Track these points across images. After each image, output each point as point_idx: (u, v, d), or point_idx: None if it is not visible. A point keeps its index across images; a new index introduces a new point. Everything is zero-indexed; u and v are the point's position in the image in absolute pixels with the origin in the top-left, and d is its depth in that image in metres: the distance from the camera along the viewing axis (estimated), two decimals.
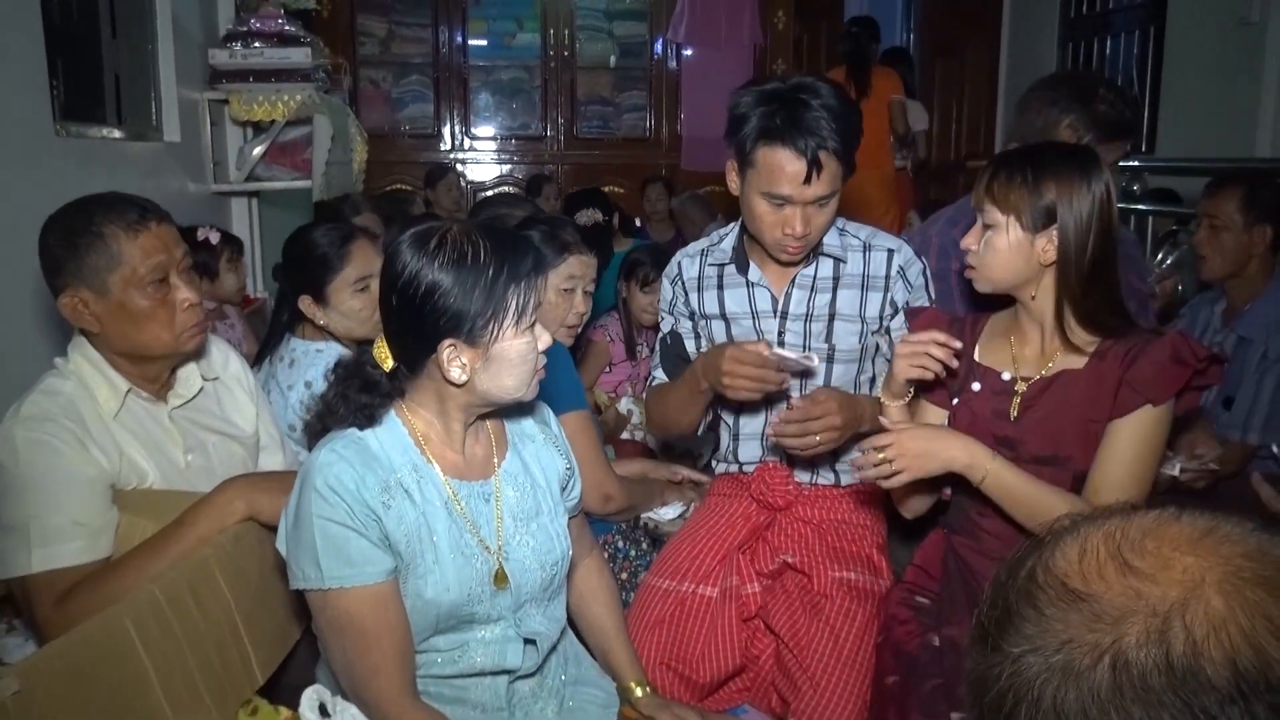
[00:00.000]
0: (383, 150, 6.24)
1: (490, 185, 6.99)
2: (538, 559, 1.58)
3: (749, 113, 1.87)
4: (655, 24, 6.96)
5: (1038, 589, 0.62)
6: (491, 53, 6.97)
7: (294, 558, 1.46)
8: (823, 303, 2.04)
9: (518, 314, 1.43)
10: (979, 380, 1.80)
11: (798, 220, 1.87)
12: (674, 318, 2.20)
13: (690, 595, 2.01)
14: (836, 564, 2.00)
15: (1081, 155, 1.69)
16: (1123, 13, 6.01)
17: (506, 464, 1.61)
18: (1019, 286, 1.72)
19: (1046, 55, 6.55)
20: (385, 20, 6.83)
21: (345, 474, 1.42)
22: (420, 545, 1.48)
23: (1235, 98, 4.71)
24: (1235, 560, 0.58)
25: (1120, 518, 0.64)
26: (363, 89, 6.72)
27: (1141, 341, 1.66)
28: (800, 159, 1.82)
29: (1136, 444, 1.64)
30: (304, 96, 3.96)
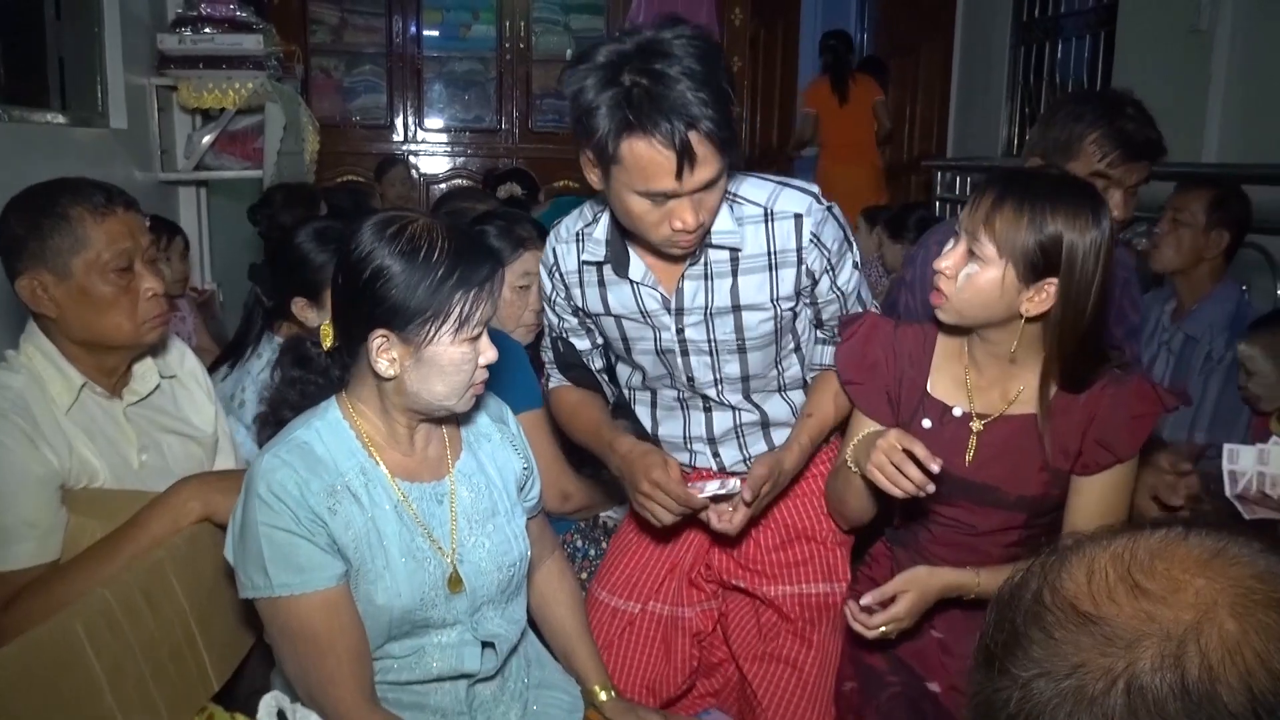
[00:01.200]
0: (334, 140, 6.16)
1: (444, 178, 6.92)
2: (494, 561, 1.55)
3: (595, 100, 1.49)
4: (612, 18, 6.92)
5: (1046, 611, 0.61)
6: (446, 44, 6.89)
7: (241, 566, 1.43)
8: (723, 291, 1.72)
9: (459, 321, 1.40)
10: (928, 415, 1.68)
11: (688, 211, 1.54)
12: (558, 315, 1.89)
13: (640, 614, 1.94)
14: (790, 576, 1.89)
15: (1093, 198, 1.52)
16: (1074, 17, 6.10)
17: (461, 464, 1.58)
18: (987, 327, 1.59)
19: (999, 57, 6.62)
20: (338, 8, 6.73)
21: (288, 479, 1.39)
22: (369, 550, 1.45)
23: (1184, 103, 4.78)
24: (1246, 582, 0.57)
25: (1126, 538, 0.63)
26: (314, 78, 6.61)
27: (1108, 388, 1.57)
28: (669, 148, 1.46)
29: (1111, 497, 1.59)
30: (256, 84, 3.89)
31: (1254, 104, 4.49)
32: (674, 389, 1.87)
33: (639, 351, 1.84)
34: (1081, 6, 6.03)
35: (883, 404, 1.71)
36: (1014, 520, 1.65)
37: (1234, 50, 4.59)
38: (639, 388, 1.93)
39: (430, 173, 6.91)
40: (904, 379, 1.70)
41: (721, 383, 1.82)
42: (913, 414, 1.69)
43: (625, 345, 1.85)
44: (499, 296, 1.47)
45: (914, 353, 1.71)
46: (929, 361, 1.70)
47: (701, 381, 1.82)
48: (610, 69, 1.49)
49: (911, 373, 1.70)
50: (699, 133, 1.47)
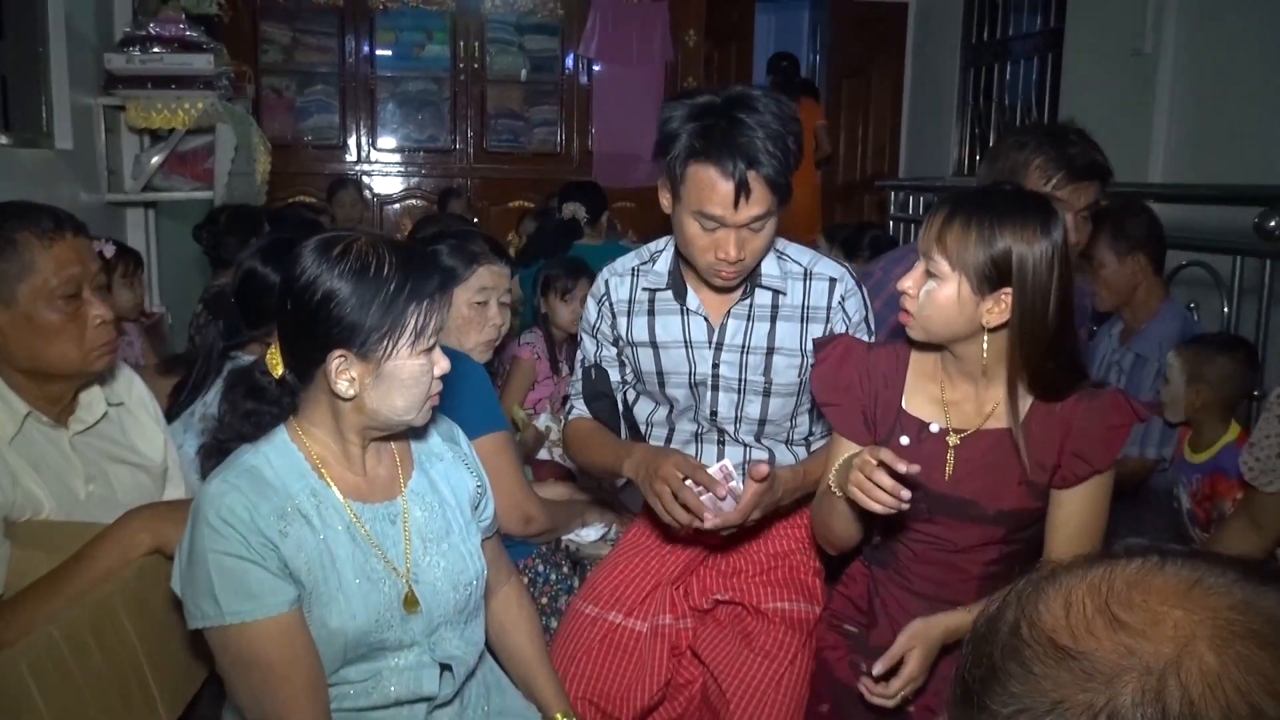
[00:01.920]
0: (286, 161, 6.09)
1: (397, 198, 6.88)
2: (449, 580, 1.53)
3: (680, 129, 1.73)
4: (567, 39, 6.94)
5: (1024, 645, 0.60)
6: (399, 63, 6.85)
7: (190, 596, 1.39)
8: (761, 334, 1.91)
9: (415, 334, 1.39)
10: (905, 433, 1.68)
11: (731, 244, 1.74)
12: (597, 342, 2.04)
13: (618, 627, 1.94)
14: (773, 594, 1.94)
15: (1043, 209, 1.54)
16: (1022, 41, 6.22)
17: (413, 483, 1.56)
18: (955, 342, 1.61)
19: (949, 80, 6.73)
20: (289, 28, 6.67)
21: (238, 504, 1.36)
22: (323, 572, 1.42)
23: (1129, 125, 4.88)
24: (1224, 613, 0.57)
25: (1102, 569, 0.62)
26: (265, 98, 6.54)
27: (1082, 401, 1.59)
28: (728, 179, 1.69)
29: (1090, 509, 1.61)
30: (206, 104, 3.84)
31: (1198, 125, 4.59)
32: (694, 423, 1.99)
33: (672, 385, 1.97)
34: (1029, 30, 6.15)
35: (859, 424, 1.72)
36: (993, 535, 1.66)
37: (1177, 73, 4.70)
38: (660, 424, 2.04)
39: (384, 193, 6.86)
40: (879, 398, 1.71)
41: (740, 421, 1.95)
42: (890, 432, 1.70)
43: (660, 379, 1.98)
44: (446, 310, 1.46)
45: (888, 372, 1.72)
46: (903, 380, 1.72)
47: (723, 417, 1.96)
48: (700, 108, 1.73)
49: (886, 392, 1.71)
50: (757, 173, 1.69)
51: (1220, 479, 2.49)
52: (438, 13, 6.78)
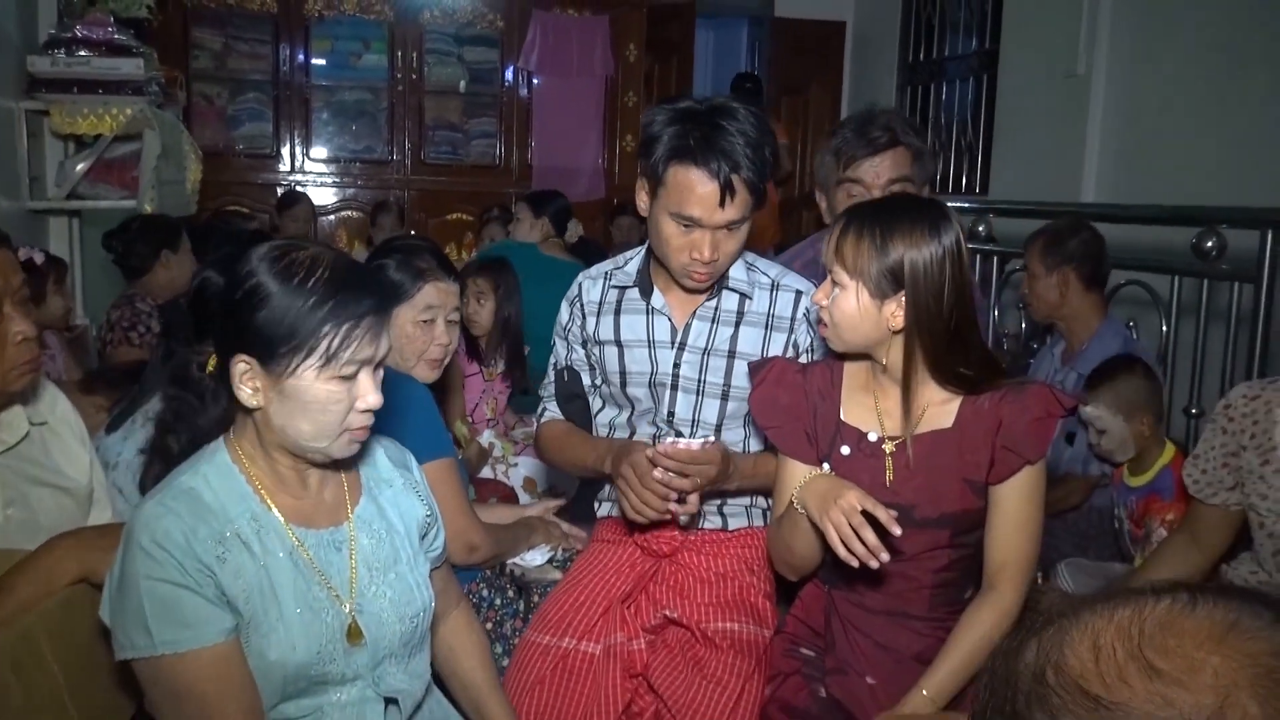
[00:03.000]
0: (217, 170, 5.94)
1: (332, 209, 6.76)
2: (396, 611, 1.47)
3: (662, 131, 1.79)
4: (506, 51, 6.90)
5: (1050, 693, 0.57)
6: (335, 72, 6.75)
7: (119, 626, 1.31)
8: (724, 337, 1.95)
9: (325, 356, 1.31)
10: (845, 443, 1.71)
11: (706, 245, 1.80)
12: (568, 344, 2.08)
13: (572, 652, 1.91)
14: (721, 614, 1.92)
15: (932, 212, 1.62)
16: (958, 61, 6.32)
17: (360, 510, 1.49)
18: (871, 348, 1.67)
19: (886, 98, 6.81)
20: (221, 34, 6.53)
21: (173, 527, 1.29)
22: (262, 601, 1.34)
23: (1063, 145, 4.99)
24: (1263, 659, 0.54)
25: (1130, 609, 0.59)
26: (196, 105, 6.37)
27: (1009, 396, 1.64)
28: (712, 180, 1.74)
29: (1025, 503, 1.64)
30: (134, 110, 3.72)
31: (1129, 145, 4.70)
32: (653, 425, 2.00)
33: (634, 384, 1.99)
34: (965, 51, 6.25)
35: (803, 443, 1.74)
36: (940, 539, 1.67)
37: (1109, 94, 4.81)
38: (621, 427, 2.05)
39: (318, 203, 6.72)
40: (818, 414, 1.74)
41: (698, 424, 1.98)
42: (831, 444, 1.72)
43: (622, 377, 2.00)
44: (386, 339, 1.38)
45: (823, 388, 1.75)
46: (839, 393, 1.75)
47: (680, 419, 1.97)
48: (682, 113, 1.79)
49: (824, 406, 1.74)
50: (740, 177, 1.75)
51: (1155, 500, 2.52)
52: (376, 22, 6.70)
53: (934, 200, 1.72)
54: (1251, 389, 1.97)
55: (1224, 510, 1.98)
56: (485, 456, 3.11)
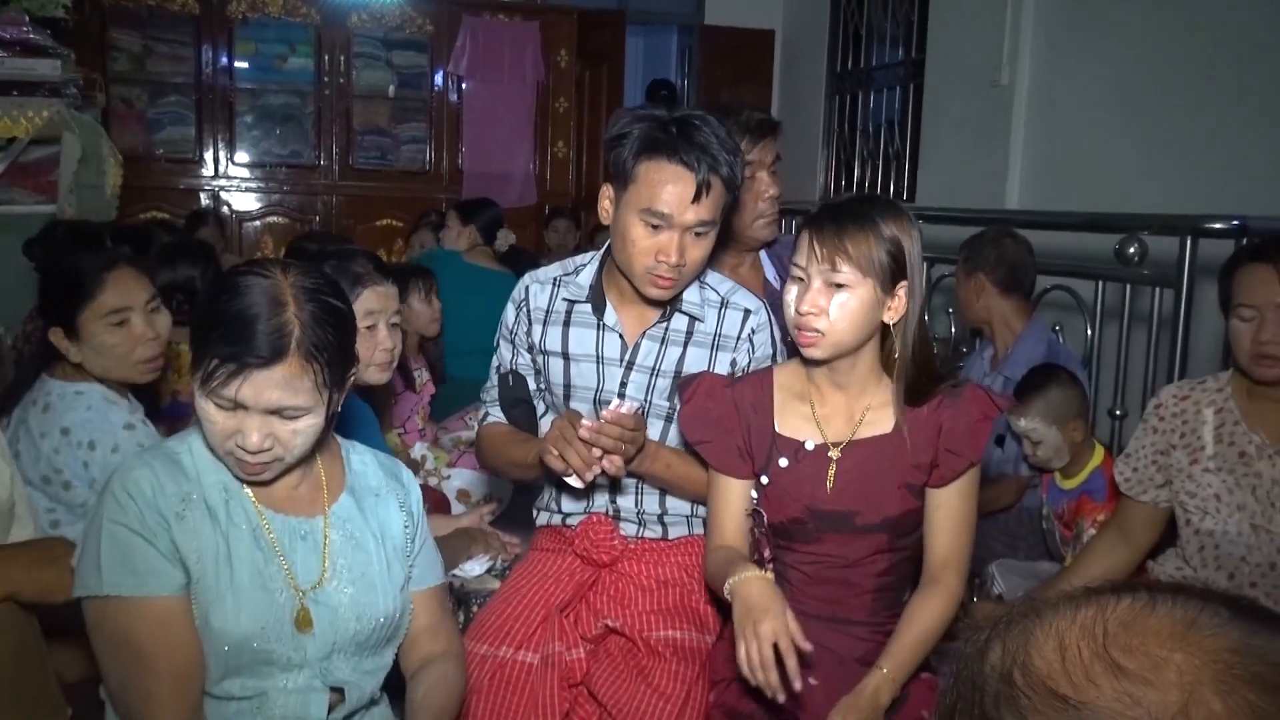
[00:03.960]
0: (138, 175, 5.77)
1: (257, 215, 6.62)
2: (354, 610, 1.46)
3: (631, 127, 1.75)
4: (436, 55, 6.83)
5: (1018, 694, 0.57)
6: (260, 76, 6.61)
7: (80, 563, 1.37)
8: (672, 359, 1.91)
9: (204, 377, 1.31)
10: (783, 455, 1.70)
11: (674, 248, 1.74)
12: (514, 348, 2.01)
13: (509, 661, 1.88)
14: (663, 622, 1.91)
15: (901, 206, 1.66)
16: (884, 70, 6.42)
17: (338, 507, 1.51)
18: (853, 350, 1.65)
19: (815, 107, 6.90)
20: (140, 35, 6.36)
21: (144, 478, 1.36)
22: (214, 566, 1.37)
23: (987, 153, 5.09)
24: (1223, 656, 0.55)
25: (1092, 609, 0.60)
26: (115, 108, 6.17)
27: (945, 401, 1.65)
28: (690, 174, 1.70)
29: (965, 501, 1.67)
30: (51, 112, 3.60)
31: (1052, 154, 4.81)
32: None
33: (577, 398, 1.94)
34: (891, 60, 6.35)
35: (735, 458, 1.74)
36: (880, 544, 1.68)
37: (1032, 103, 4.92)
38: None
39: (243, 210, 6.60)
40: (752, 426, 1.72)
41: None
42: (767, 457, 1.71)
43: (566, 391, 1.95)
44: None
45: (755, 400, 1.74)
46: (771, 404, 1.74)
47: None
48: (653, 117, 1.76)
49: (758, 419, 1.72)
50: (718, 175, 1.73)
51: (1086, 501, 2.57)
52: (302, 25, 6.58)
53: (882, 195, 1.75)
54: (1181, 389, 2.02)
55: (1153, 507, 2.04)
56: (417, 469, 3.08)
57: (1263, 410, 1.90)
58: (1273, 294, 1.81)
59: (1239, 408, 1.93)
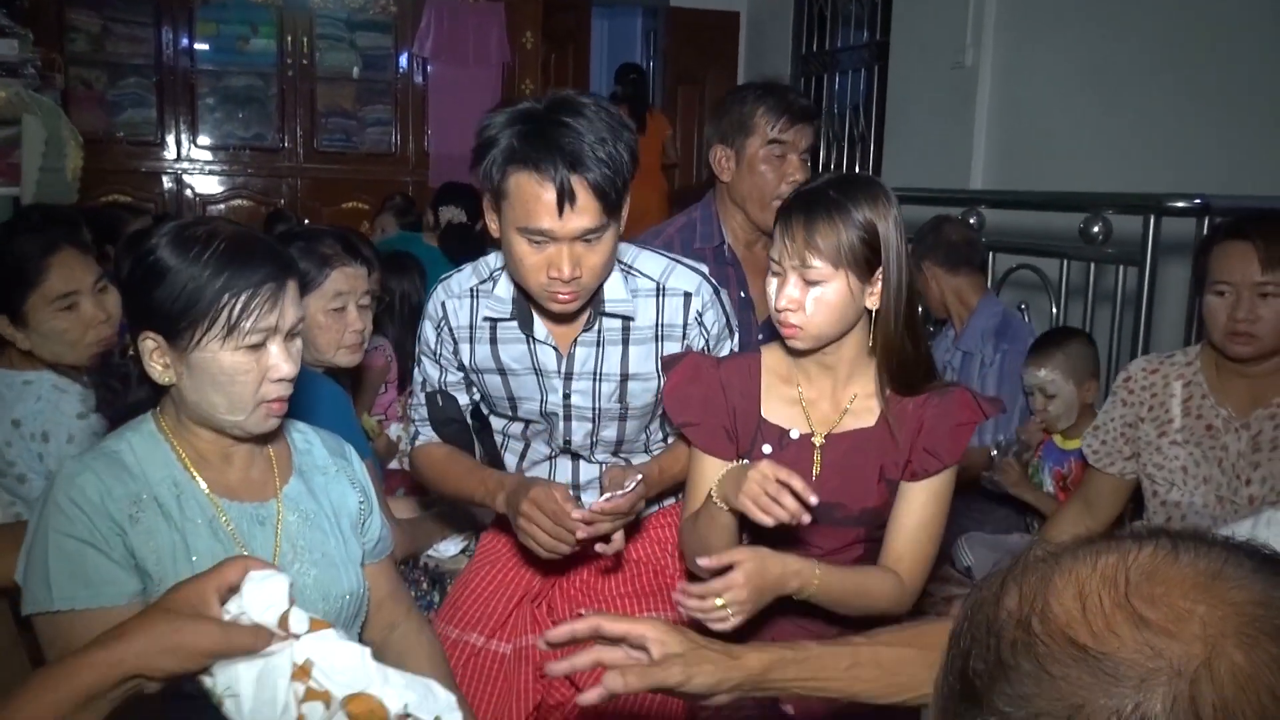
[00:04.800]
0: (98, 157, 5.64)
1: (221, 198, 6.53)
2: (320, 590, 1.45)
3: (498, 134, 1.57)
4: (400, 37, 6.75)
5: (1036, 641, 0.56)
6: (222, 57, 6.51)
7: (27, 580, 1.28)
8: (613, 360, 1.79)
9: (227, 326, 1.30)
10: (767, 441, 1.65)
11: (565, 261, 1.58)
12: (440, 368, 1.87)
13: (482, 650, 1.86)
14: (637, 606, 1.88)
15: (875, 181, 1.59)
16: (849, 52, 6.43)
17: (289, 489, 1.48)
18: (836, 339, 1.60)
19: None
20: (98, 16, 6.23)
21: (89, 485, 1.29)
22: (174, 564, 1.32)
23: (952, 134, 5.11)
24: (1248, 609, 0.54)
25: (1113, 556, 0.58)
26: (73, 89, 6.05)
27: (931, 399, 1.61)
28: (548, 184, 1.53)
29: (933, 502, 1.61)
30: (9, 93, 3.52)
31: (1016, 135, 4.84)
32: (549, 445, 1.88)
33: (524, 410, 1.84)
34: (856, 42, 6.35)
35: (721, 440, 1.68)
36: (856, 535, 1.66)
37: (996, 84, 4.94)
38: (515, 437, 1.92)
39: (206, 192, 6.50)
40: (737, 411, 1.68)
41: (596, 445, 1.86)
42: (751, 442, 1.67)
43: (512, 404, 1.84)
44: (287, 307, 1.36)
45: (742, 384, 1.69)
46: (758, 389, 1.69)
47: (578, 444, 1.85)
48: (522, 114, 1.57)
49: (744, 403, 1.68)
50: (581, 178, 1.53)
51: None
52: (263, 5, 6.49)
53: (862, 174, 1.70)
54: (1150, 363, 2.04)
55: (1119, 479, 2.06)
56: (394, 450, 3.05)
57: (1230, 384, 1.93)
58: (1251, 272, 1.82)
59: (1207, 382, 1.95)
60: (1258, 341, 1.84)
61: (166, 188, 6.41)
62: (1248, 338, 1.84)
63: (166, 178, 6.42)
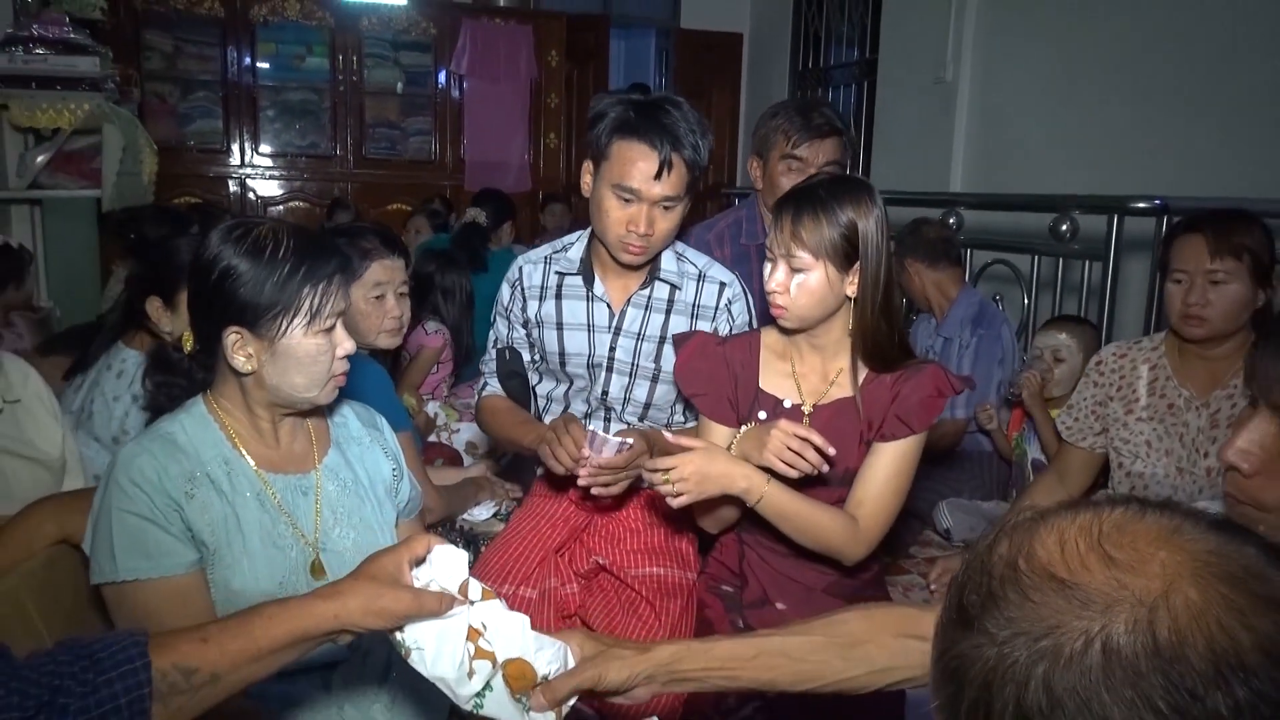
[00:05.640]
0: (171, 163, 5.64)
1: (280, 200, 6.52)
2: (359, 552, 1.42)
3: (608, 109, 1.74)
4: (439, 55, 6.71)
5: (1021, 575, 0.60)
6: (280, 74, 6.47)
7: (94, 553, 1.29)
8: (655, 324, 1.90)
9: (310, 314, 1.31)
10: (763, 409, 1.67)
11: (643, 219, 1.73)
12: (509, 324, 1.99)
13: (511, 597, 1.86)
14: (648, 560, 1.89)
15: (862, 183, 1.58)
16: (841, 69, 6.36)
17: (328, 460, 1.47)
18: (822, 321, 1.61)
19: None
20: (171, 37, 6.20)
21: (147, 465, 1.29)
22: (227, 535, 1.32)
23: (933, 142, 5.05)
24: (1203, 556, 0.57)
25: (1090, 513, 0.62)
26: (148, 102, 6.04)
27: (906, 373, 1.61)
28: (654, 153, 1.69)
29: (898, 462, 1.60)
30: (92, 105, 3.51)
31: (991, 142, 4.79)
32: (586, 403, 1.94)
33: (572, 364, 1.91)
34: (847, 60, 6.29)
35: (726, 409, 1.70)
36: (839, 495, 1.65)
37: (974, 97, 4.88)
38: (557, 399, 1.99)
39: (267, 195, 6.49)
40: (739, 383, 1.70)
41: (628, 403, 1.92)
42: (750, 410, 1.69)
43: (561, 358, 1.92)
44: (348, 291, 1.37)
45: (743, 358, 1.71)
46: (757, 363, 1.71)
47: (613, 398, 1.92)
48: (628, 99, 1.74)
49: (744, 375, 1.70)
50: (680, 155, 1.71)
51: None
52: (317, 28, 6.44)
53: (855, 176, 1.69)
54: (1120, 348, 2.02)
55: (1090, 453, 2.03)
56: (431, 426, 3.05)
57: (1192, 367, 1.90)
58: (1202, 261, 1.81)
59: (1171, 364, 1.93)
60: (1208, 324, 1.83)
61: (232, 190, 6.39)
62: (1199, 320, 1.82)
63: (232, 182, 6.41)
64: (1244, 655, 0.53)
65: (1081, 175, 3.89)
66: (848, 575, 1.68)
